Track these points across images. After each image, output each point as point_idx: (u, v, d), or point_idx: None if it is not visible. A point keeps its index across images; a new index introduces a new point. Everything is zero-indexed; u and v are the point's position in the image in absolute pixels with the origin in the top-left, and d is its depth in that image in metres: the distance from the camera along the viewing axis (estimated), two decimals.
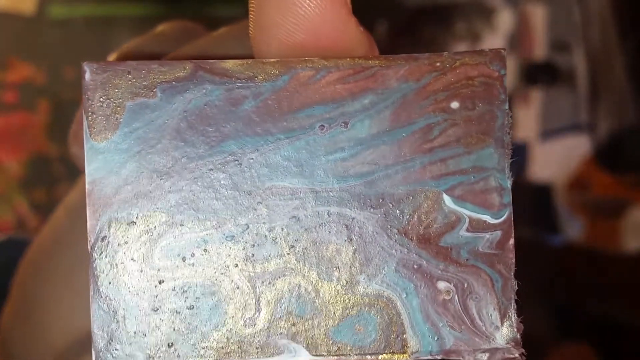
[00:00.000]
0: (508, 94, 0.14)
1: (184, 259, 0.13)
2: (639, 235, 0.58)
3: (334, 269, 0.14)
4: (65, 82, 0.53)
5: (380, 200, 0.14)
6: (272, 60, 0.14)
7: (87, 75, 0.13)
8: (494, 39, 0.58)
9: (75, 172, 0.21)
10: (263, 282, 0.13)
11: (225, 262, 0.13)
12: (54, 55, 0.54)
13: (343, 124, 0.14)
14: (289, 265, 0.13)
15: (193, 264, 0.13)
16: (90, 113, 0.13)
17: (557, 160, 0.60)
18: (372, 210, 0.14)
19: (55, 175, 0.53)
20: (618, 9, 0.56)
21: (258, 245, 0.13)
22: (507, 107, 0.14)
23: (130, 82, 0.13)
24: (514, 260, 0.14)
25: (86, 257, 0.20)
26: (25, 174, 0.53)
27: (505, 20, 0.59)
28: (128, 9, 0.54)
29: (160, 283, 0.13)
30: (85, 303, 0.20)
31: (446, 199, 0.14)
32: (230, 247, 0.13)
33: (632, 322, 0.55)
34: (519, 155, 0.60)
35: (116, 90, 0.13)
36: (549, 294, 0.57)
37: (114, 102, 0.13)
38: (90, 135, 0.13)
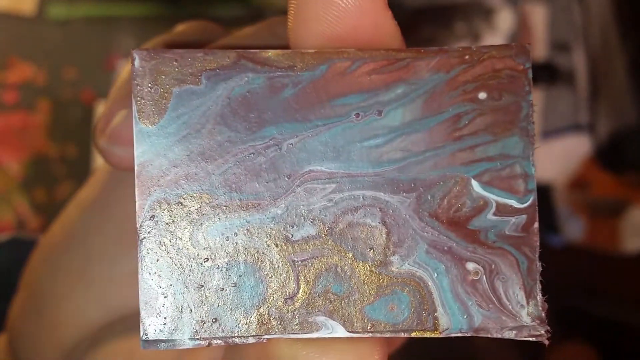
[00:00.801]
0: None
1: (227, 239, 0.14)
2: (639, 235, 0.58)
3: (369, 249, 0.14)
4: (65, 82, 0.53)
5: (413, 185, 0.14)
6: (310, 50, 0.14)
7: (137, 62, 0.14)
8: (494, 39, 0.58)
9: (75, 171, 0.21)
10: (302, 262, 0.14)
11: (266, 242, 0.14)
12: (54, 55, 0.54)
13: (377, 112, 0.14)
14: (326, 246, 0.14)
15: (236, 244, 0.14)
16: (139, 98, 0.14)
17: (557, 160, 0.60)
18: (404, 194, 0.14)
19: (55, 175, 0.53)
20: (618, 9, 0.56)
21: (297, 226, 0.14)
22: (531, 98, 0.14)
23: (176, 70, 0.14)
24: (538, 243, 0.14)
25: (99, 252, 0.20)
26: (25, 174, 0.53)
27: (505, 20, 0.59)
28: (128, 9, 0.54)
29: (205, 261, 0.14)
30: (97, 297, 0.20)
31: (474, 184, 0.14)
32: (271, 228, 0.14)
33: (633, 322, 0.55)
34: None
35: (163, 77, 0.14)
36: (549, 294, 0.57)
37: (162, 88, 0.14)
38: (139, 119, 0.14)
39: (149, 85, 0.14)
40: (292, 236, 0.14)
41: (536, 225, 0.14)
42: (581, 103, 0.59)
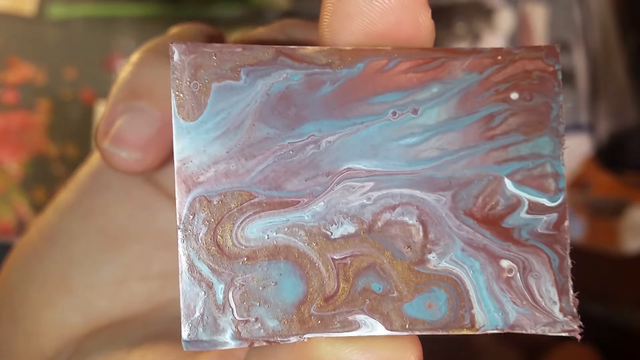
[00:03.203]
0: None
1: (267, 237, 0.14)
2: (639, 235, 0.58)
3: (407, 247, 0.14)
4: (65, 82, 0.53)
5: (449, 183, 0.14)
6: (348, 48, 0.14)
7: (176, 56, 0.14)
8: (494, 39, 0.58)
9: (75, 171, 0.21)
10: (341, 260, 0.14)
11: (306, 240, 0.14)
12: (54, 55, 0.54)
13: (413, 111, 0.14)
14: (365, 244, 0.14)
15: (276, 242, 0.14)
16: (178, 93, 0.14)
17: None
18: (440, 192, 0.14)
19: (55, 175, 0.53)
20: (618, 9, 0.56)
21: (336, 224, 0.14)
22: (561, 99, 0.15)
23: (215, 64, 0.14)
24: (569, 241, 0.15)
25: (81, 258, 0.19)
26: (25, 174, 0.53)
27: (505, 20, 0.59)
28: (128, 9, 0.54)
29: (246, 259, 0.14)
30: (79, 305, 0.19)
31: (507, 183, 0.14)
32: (310, 226, 0.14)
33: (633, 323, 0.55)
34: None
35: (202, 72, 0.14)
36: None
37: (201, 83, 0.14)
38: (178, 114, 0.14)
39: (188, 79, 0.14)
40: (332, 234, 0.14)
41: (566, 223, 0.15)
42: (581, 103, 0.59)
